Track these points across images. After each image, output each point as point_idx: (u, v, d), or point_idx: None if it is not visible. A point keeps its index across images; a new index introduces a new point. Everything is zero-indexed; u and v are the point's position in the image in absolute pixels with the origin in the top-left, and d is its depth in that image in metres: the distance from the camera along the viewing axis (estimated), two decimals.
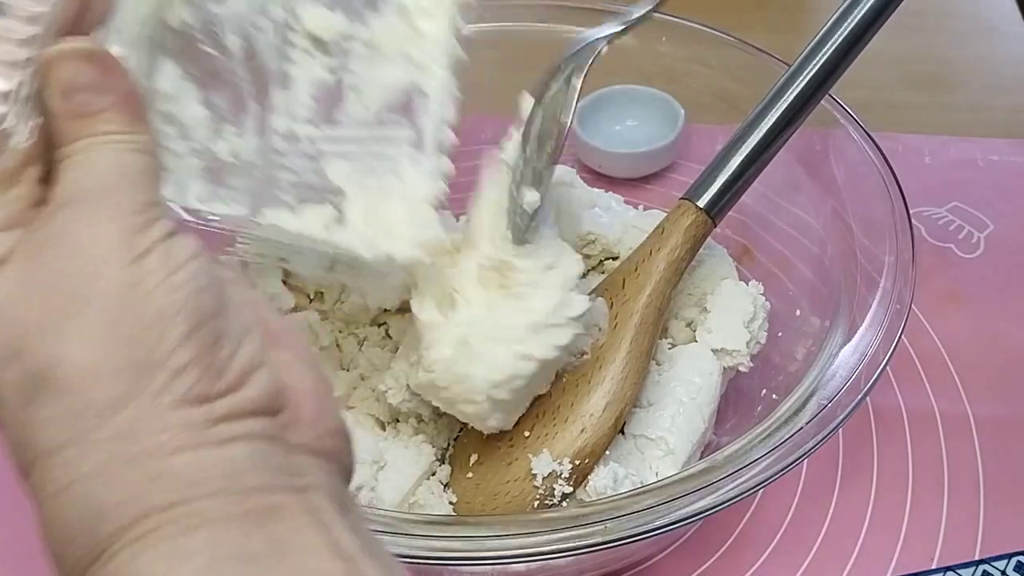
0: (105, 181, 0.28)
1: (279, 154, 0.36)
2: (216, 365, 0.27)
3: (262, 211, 0.36)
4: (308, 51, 0.38)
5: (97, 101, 0.29)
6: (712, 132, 0.63)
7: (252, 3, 0.36)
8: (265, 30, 0.36)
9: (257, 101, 0.36)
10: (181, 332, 0.26)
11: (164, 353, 0.26)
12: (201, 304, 0.27)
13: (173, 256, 0.27)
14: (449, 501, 0.48)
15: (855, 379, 0.44)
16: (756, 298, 0.52)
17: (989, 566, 0.50)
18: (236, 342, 0.28)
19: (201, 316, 0.27)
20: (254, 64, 0.36)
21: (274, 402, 0.28)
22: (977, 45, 0.85)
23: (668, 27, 0.62)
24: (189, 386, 0.26)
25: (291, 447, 0.28)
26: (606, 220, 0.57)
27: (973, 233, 0.67)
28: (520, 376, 0.44)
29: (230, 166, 0.35)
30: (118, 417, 0.26)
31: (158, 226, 0.28)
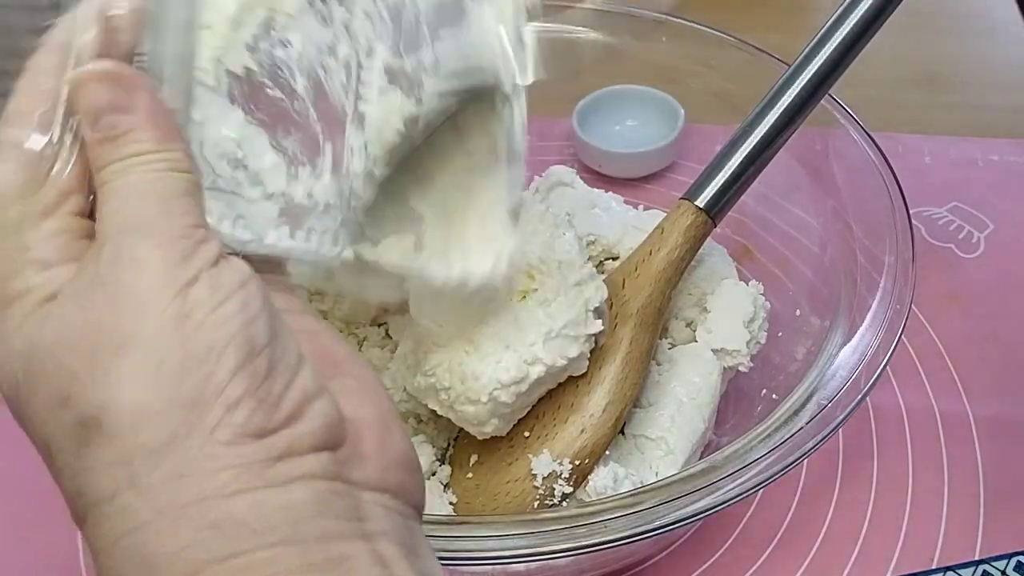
0: (142, 209, 0.27)
1: (358, 196, 0.35)
2: (271, 397, 0.26)
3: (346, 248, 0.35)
4: (383, 89, 0.36)
5: (123, 121, 0.28)
6: (712, 132, 0.63)
7: (319, 45, 0.35)
8: (334, 71, 0.35)
9: (331, 140, 0.35)
10: (232, 364, 0.25)
11: (216, 387, 0.25)
12: (253, 334, 0.26)
13: (221, 284, 0.26)
14: (449, 501, 0.48)
15: (855, 379, 0.44)
16: (756, 298, 0.52)
17: (989, 566, 0.50)
18: (291, 372, 0.27)
19: (253, 346, 0.26)
20: (325, 105, 0.35)
21: (334, 434, 0.27)
22: (977, 45, 0.85)
23: (668, 27, 0.62)
24: (245, 420, 0.25)
25: (354, 484, 0.27)
26: (606, 220, 0.57)
27: (973, 233, 0.67)
28: (526, 380, 0.44)
29: (308, 208, 0.34)
30: (171, 458, 0.24)
31: (203, 251, 0.27)
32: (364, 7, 0.36)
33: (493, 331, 0.44)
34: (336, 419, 0.27)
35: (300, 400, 0.26)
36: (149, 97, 0.28)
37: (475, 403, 0.44)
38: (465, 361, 0.44)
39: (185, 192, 0.28)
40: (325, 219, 0.34)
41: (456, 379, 0.44)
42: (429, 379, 0.44)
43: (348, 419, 0.28)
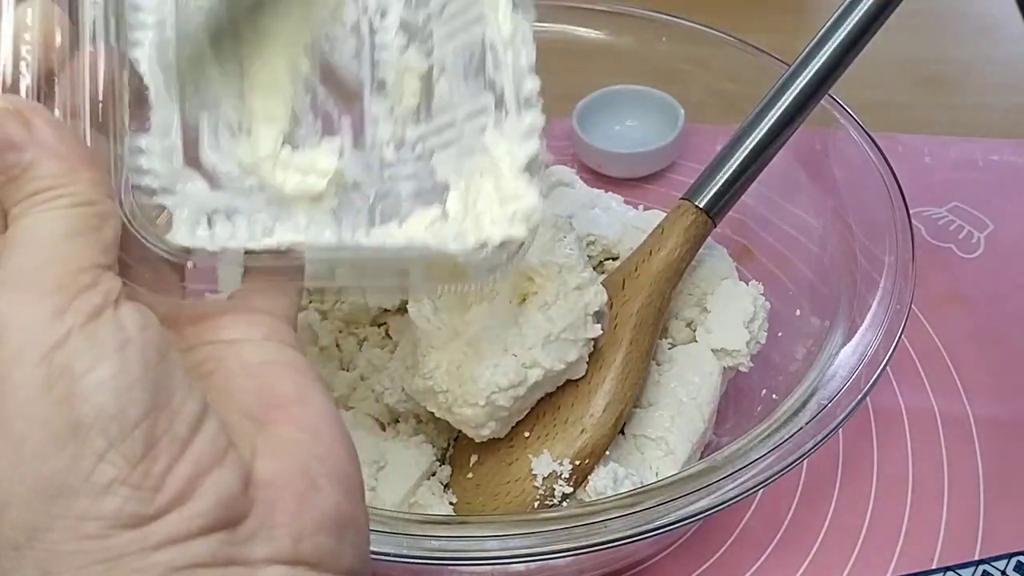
0: (24, 259, 0.24)
1: (389, 165, 0.33)
2: (151, 479, 0.23)
3: (371, 232, 0.32)
4: (401, 47, 0.34)
5: (21, 159, 0.25)
6: (712, 132, 0.63)
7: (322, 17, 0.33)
8: (340, 40, 0.33)
9: (349, 115, 0.33)
10: (101, 445, 0.22)
11: (82, 473, 0.22)
12: (129, 403, 0.23)
13: (97, 342, 0.23)
14: (449, 501, 0.48)
15: (855, 379, 0.44)
16: (756, 298, 0.52)
17: (989, 566, 0.50)
18: (180, 444, 0.23)
19: (126, 421, 0.23)
20: (334, 79, 0.33)
21: (233, 509, 0.24)
22: (977, 45, 0.85)
23: (668, 27, 0.62)
24: (116, 509, 0.22)
25: (256, 563, 0.24)
26: (606, 220, 0.57)
27: (973, 233, 0.67)
28: (524, 383, 0.44)
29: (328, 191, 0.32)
30: (34, 553, 0.22)
31: (82, 301, 0.23)
32: None
33: (492, 334, 0.44)
34: (235, 492, 0.24)
35: (189, 476, 0.23)
36: (46, 127, 0.26)
37: (473, 406, 0.44)
38: (463, 364, 0.44)
39: (79, 230, 0.25)
40: (355, 198, 0.32)
41: (454, 382, 0.44)
42: (427, 381, 0.45)
43: (261, 483, 0.25)
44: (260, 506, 0.24)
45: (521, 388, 0.44)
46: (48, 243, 0.24)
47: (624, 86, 0.70)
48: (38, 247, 0.24)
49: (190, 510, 0.23)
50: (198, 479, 0.23)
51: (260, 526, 0.24)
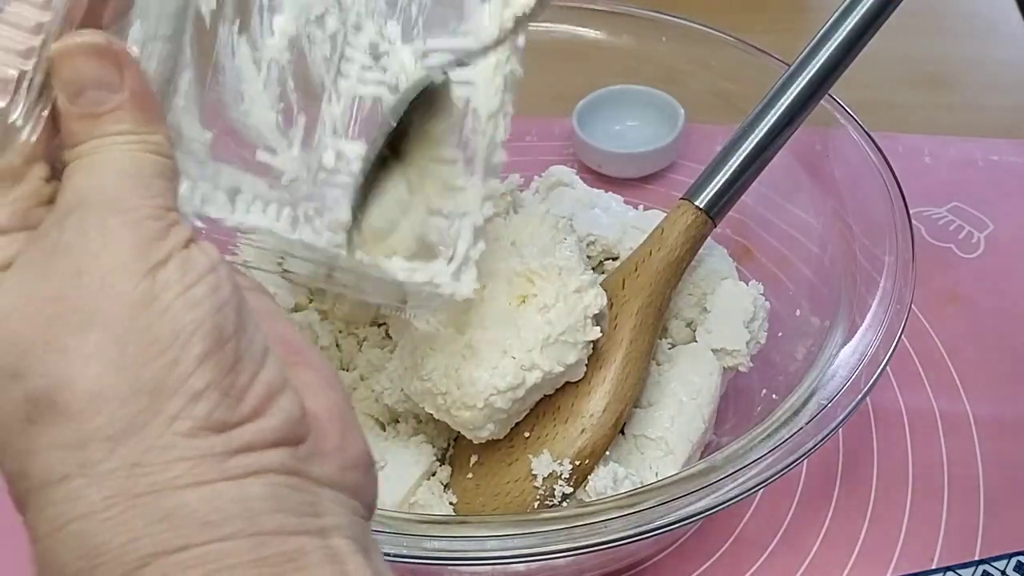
0: (117, 184, 0.26)
1: (327, 171, 0.35)
2: (236, 390, 0.25)
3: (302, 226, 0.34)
4: (365, 66, 0.36)
5: (108, 100, 0.27)
6: (712, 132, 0.63)
7: (308, 14, 0.34)
8: (319, 42, 0.35)
9: (305, 112, 0.34)
10: (198, 353, 0.24)
11: (180, 376, 0.24)
12: (221, 322, 0.25)
13: (192, 267, 0.25)
14: (449, 502, 0.48)
15: (855, 379, 0.44)
16: (756, 298, 0.52)
17: (989, 566, 0.50)
18: (257, 363, 0.26)
19: (221, 335, 0.25)
20: (304, 76, 0.34)
21: (297, 430, 0.26)
22: (977, 45, 0.85)
23: (668, 27, 0.62)
24: (207, 413, 0.24)
25: (312, 480, 0.26)
26: (606, 220, 0.57)
27: (973, 233, 0.67)
28: (523, 386, 0.44)
29: (273, 179, 0.34)
30: (126, 446, 0.23)
31: (175, 233, 0.26)
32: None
33: (491, 336, 0.44)
34: (299, 416, 0.26)
35: (264, 395, 0.26)
36: (138, 77, 0.27)
37: (471, 408, 0.44)
38: (462, 366, 0.44)
39: (161, 175, 0.27)
40: (285, 193, 0.33)
41: (452, 384, 0.44)
42: (426, 383, 0.45)
43: (311, 413, 0.27)
44: (314, 434, 0.27)
45: (520, 390, 0.44)
46: (140, 177, 0.26)
47: (624, 86, 0.70)
48: (130, 178, 0.26)
49: (263, 424, 0.25)
50: (271, 398, 0.26)
51: (314, 450, 0.26)
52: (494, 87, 0.38)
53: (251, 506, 0.24)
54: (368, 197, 0.37)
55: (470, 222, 0.38)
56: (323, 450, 0.27)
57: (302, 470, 0.26)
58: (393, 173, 0.38)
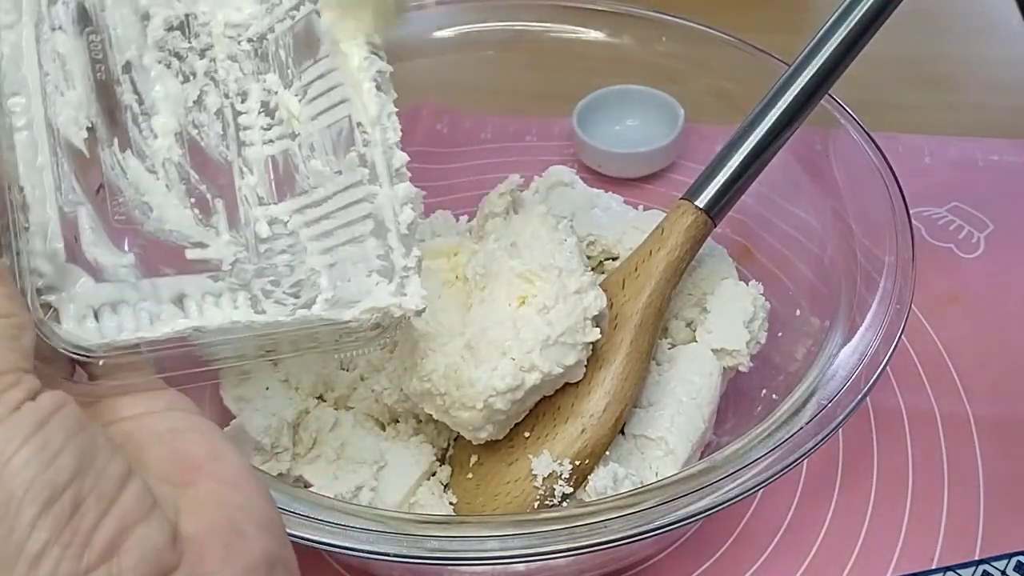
0: None
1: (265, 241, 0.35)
2: (80, 536, 0.24)
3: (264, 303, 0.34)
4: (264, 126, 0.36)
5: None
6: (712, 132, 0.63)
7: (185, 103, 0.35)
8: (208, 124, 0.35)
9: (221, 196, 0.34)
10: (32, 514, 0.24)
11: (17, 544, 0.23)
12: (55, 471, 0.24)
13: (19, 428, 0.25)
14: (449, 502, 0.48)
15: (855, 379, 0.44)
16: (756, 298, 0.52)
17: (989, 566, 0.50)
18: (106, 501, 0.25)
19: (54, 487, 0.24)
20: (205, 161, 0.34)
21: (162, 561, 0.25)
22: (977, 45, 0.85)
23: (668, 27, 0.62)
24: (51, 571, 0.24)
25: None
26: (606, 220, 0.57)
27: (973, 233, 0.67)
28: (522, 387, 0.44)
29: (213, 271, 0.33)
30: None
31: (8, 397, 0.25)
32: (227, 51, 0.36)
33: (490, 337, 0.44)
34: (163, 543, 0.25)
35: (117, 530, 0.25)
36: None
37: (470, 409, 0.44)
38: (461, 367, 0.44)
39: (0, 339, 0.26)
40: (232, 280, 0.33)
41: (452, 385, 0.44)
42: (425, 384, 0.45)
43: (187, 536, 0.26)
44: (189, 557, 0.26)
45: (519, 392, 0.44)
46: None
47: (624, 86, 0.70)
48: None
49: (119, 564, 0.24)
50: (125, 533, 0.25)
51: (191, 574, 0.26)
52: (366, 93, 0.37)
53: None
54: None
55: (393, 234, 0.37)
56: (204, 571, 0.26)
57: None
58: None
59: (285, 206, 0.36)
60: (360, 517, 0.40)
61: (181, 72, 0.35)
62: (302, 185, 0.36)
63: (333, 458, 0.47)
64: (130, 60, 0.34)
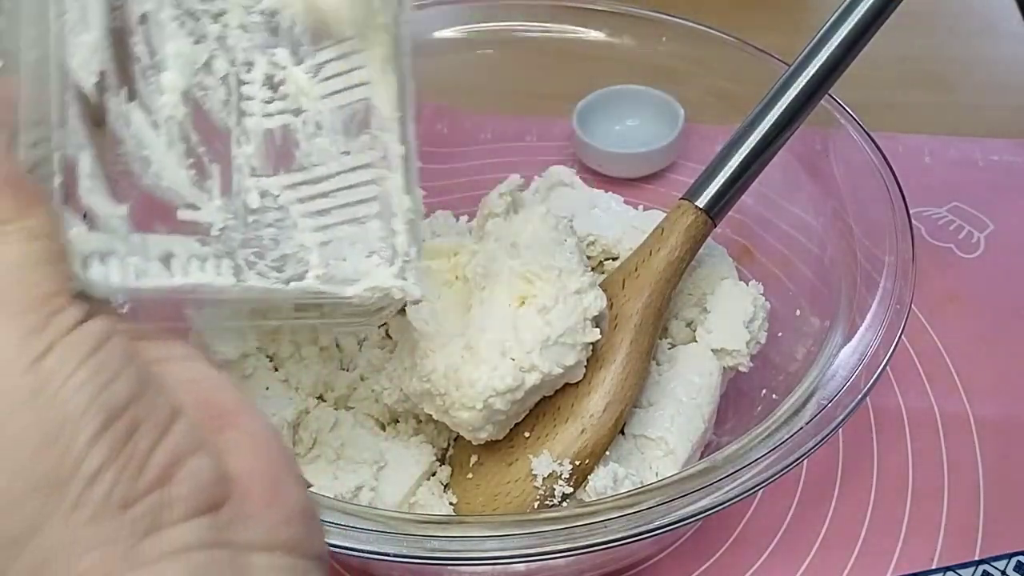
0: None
1: (254, 212, 0.34)
2: (135, 460, 0.24)
3: (246, 273, 0.34)
4: (265, 99, 0.36)
5: None
6: (712, 132, 0.63)
7: (194, 64, 0.34)
8: (212, 89, 0.35)
9: (217, 161, 0.34)
10: (90, 432, 0.24)
11: (74, 461, 0.23)
12: (111, 395, 0.24)
13: (76, 350, 0.25)
14: (449, 502, 0.48)
15: (855, 379, 0.44)
16: (756, 298, 0.52)
17: (989, 566, 0.50)
18: (159, 430, 0.25)
19: (112, 408, 0.24)
20: (206, 125, 0.34)
21: (213, 494, 0.25)
22: (977, 45, 0.85)
23: (668, 27, 0.62)
24: (106, 492, 0.23)
25: (240, 548, 0.25)
26: (606, 220, 0.57)
27: (973, 233, 0.67)
28: (521, 387, 0.44)
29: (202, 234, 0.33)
30: (31, 547, 0.23)
31: (57, 320, 0.25)
32: (239, 19, 0.36)
33: (490, 337, 0.44)
34: (214, 477, 0.25)
35: (170, 459, 0.25)
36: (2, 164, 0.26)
37: (470, 410, 0.44)
38: (461, 367, 0.44)
39: (41, 261, 0.26)
40: (219, 245, 0.33)
41: (451, 385, 0.44)
42: (424, 384, 0.45)
43: (232, 475, 0.26)
44: (236, 496, 0.26)
45: (518, 392, 0.44)
46: (15, 269, 0.25)
47: (624, 86, 0.70)
48: (5, 272, 0.25)
49: (172, 491, 0.24)
50: (178, 463, 0.25)
51: (238, 513, 0.25)
52: (387, 83, 0.37)
53: None
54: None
55: (399, 219, 0.37)
56: (249, 511, 0.26)
57: (226, 540, 0.25)
58: None
59: (277, 180, 0.36)
60: (360, 517, 0.40)
61: (194, 33, 0.35)
62: (301, 161, 0.36)
63: (333, 458, 0.47)
64: (147, 12, 0.34)
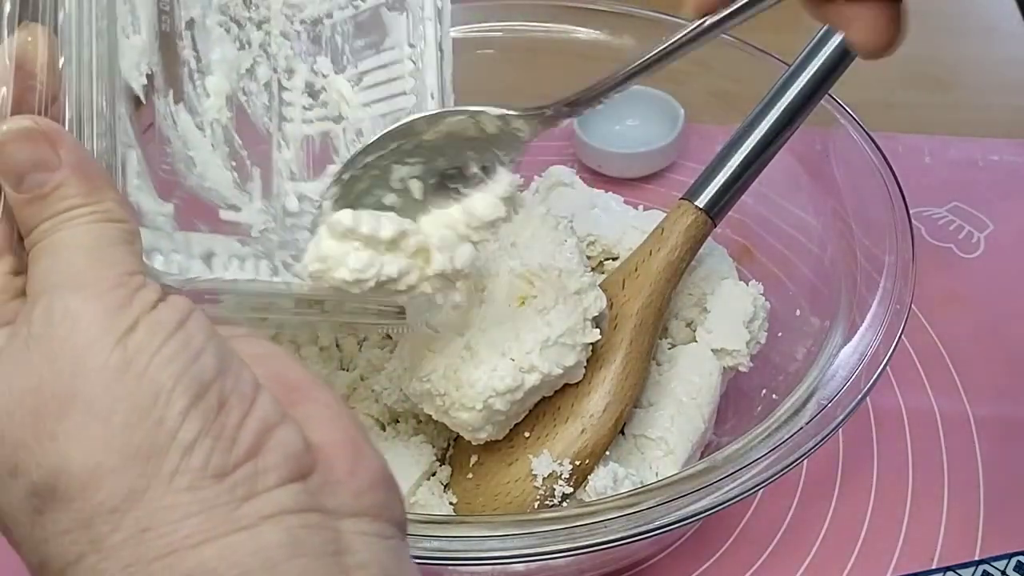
0: (73, 263, 0.26)
1: (292, 215, 0.35)
2: (228, 431, 0.25)
3: (282, 274, 0.34)
4: (305, 106, 0.37)
5: (49, 180, 0.27)
6: (712, 132, 0.63)
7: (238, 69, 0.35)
8: (255, 94, 0.35)
9: (258, 164, 0.35)
10: (182, 405, 0.24)
11: (168, 432, 0.24)
12: (199, 369, 0.25)
13: (162, 325, 0.25)
14: (449, 502, 0.48)
15: (855, 379, 0.44)
16: (756, 298, 0.52)
17: (989, 566, 0.50)
18: (247, 402, 0.26)
19: (202, 382, 0.25)
20: (249, 129, 0.35)
21: (301, 463, 0.26)
22: (977, 45, 0.85)
23: (668, 27, 0.62)
24: (203, 461, 0.24)
25: (329, 513, 0.26)
26: (606, 220, 0.57)
27: (973, 233, 0.67)
28: (521, 388, 0.44)
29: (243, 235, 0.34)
30: (132, 514, 0.24)
31: (140, 297, 0.26)
32: (281, 28, 0.36)
33: (490, 338, 0.44)
34: (301, 447, 0.26)
35: (260, 430, 0.25)
36: (74, 149, 0.27)
37: (469, 410, 0.44)
38: (461, 368, 0.44)
39: (118, 241, 0.27)
40: (258, 246, 0.33)
41: (451, 385, 0.44)
42: (424, 384, 0.44)
43: (315, 445, 0.27)
44: (322, 465, 0.26)
45: (518, 392, 0.44)
46: (95, 251, 0.26)
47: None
48: (85, 254, 0.26)
49: (264, 461, 0.25)
50: (268, 433, 0.26)
51: (325, 481, 0.26)
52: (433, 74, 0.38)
53: (270, 556, 0.24)
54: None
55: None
56: (335, 479, 0.26)
57: (317, 505, 0.26)
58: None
59: (316, 185, 0.36)
60: None
61: (238, 39, 0.36)
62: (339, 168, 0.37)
63: None
64: (194, 18, 0.35)
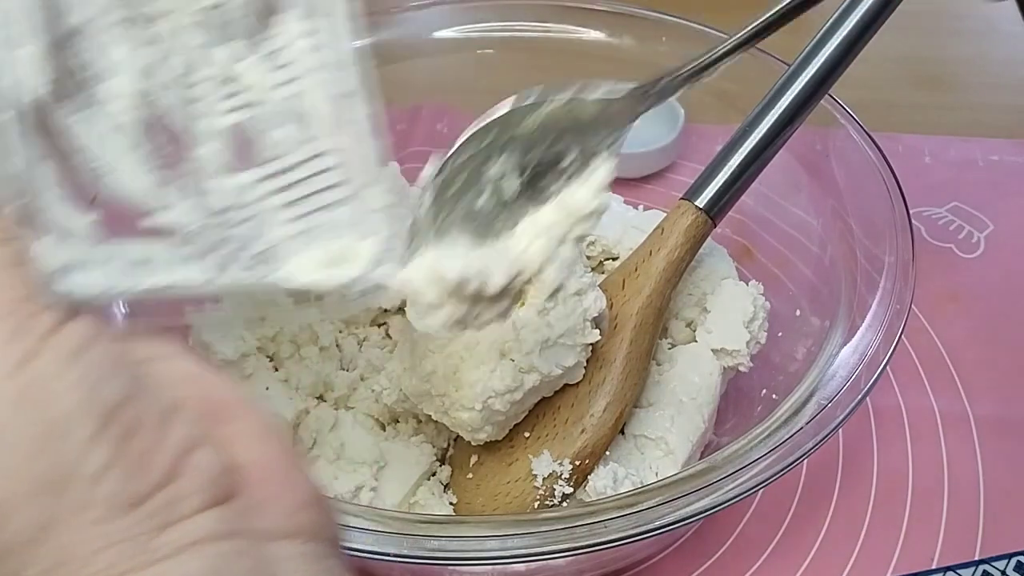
0: None
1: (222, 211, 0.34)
2: (139, 457, 0.23)
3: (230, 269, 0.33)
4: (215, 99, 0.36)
5: None
6: (712, 132, 0.63)
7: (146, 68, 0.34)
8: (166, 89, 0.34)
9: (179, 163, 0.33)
10: (88, 433, 0.23)
11: (73, 461, 0.23)
12: (106, 394, 0.24)
13: (63, 349, 0.24)
14: (449, 502, 0.48)
15: (855, 379, 0.44)
16: (756, 298, 0.52)
17: (989, 566, 0.50)
18: (160, 426, 0.24)
19: (108, 408, 0.23)
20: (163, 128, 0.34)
21: (224, 485, 0.25)
22: (977, 45, 0.85)
23: (668, 27, 0.62)
24: (114, 491, 0.23)
25: (259, 536, 0.25)
26: (606, 220, 0.57)
27: (973, 233, 0.67)
28: (521, 388, 0.44)
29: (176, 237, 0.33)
30: (45, 547, 0.22)
31: (35, 324, 0.24)
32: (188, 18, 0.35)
33: (490, 338, 0.44)
34: (221, 469, 0.25)
35: (175, 455, 0.24)
36: None
37: (469, 410, 0.44)
38: (460, 368, 0.44)
39: (13, 263, 0.25)
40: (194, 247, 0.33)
41: (451, 386, 0.44)
42: (424, 384, 0.44)
43: (241, 466, 0.26)
44: (248, 484, 0.25)
45: (518, 393, 0.44)
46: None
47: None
48: None
49: (181, 486, 0.24)
50: (183, 458, 0.24)
51: (252, 502, 0.25)
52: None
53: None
54: None
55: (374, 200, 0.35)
56: (262, 500, 0.25)
57: (242, 529, 0.24)
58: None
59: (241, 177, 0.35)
60: (360, 517, 0.40)
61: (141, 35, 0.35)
62: (263, 155, 0.36)
63: (333, 458, 0.47)
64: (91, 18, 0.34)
